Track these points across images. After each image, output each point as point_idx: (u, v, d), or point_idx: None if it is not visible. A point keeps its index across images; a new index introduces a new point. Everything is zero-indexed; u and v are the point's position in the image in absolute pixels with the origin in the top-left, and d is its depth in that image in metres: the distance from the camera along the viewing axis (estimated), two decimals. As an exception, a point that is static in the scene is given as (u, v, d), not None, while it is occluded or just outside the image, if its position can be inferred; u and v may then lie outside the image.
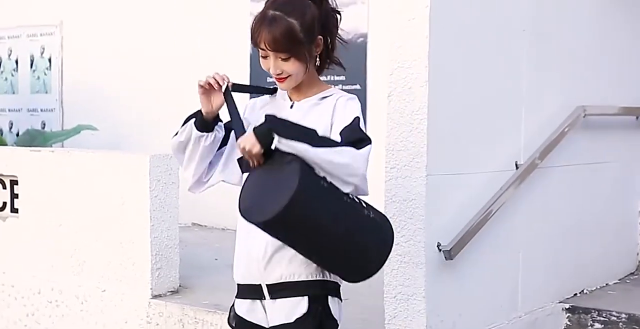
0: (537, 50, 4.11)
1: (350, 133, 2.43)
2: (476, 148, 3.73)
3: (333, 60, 2.63)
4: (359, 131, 2.45)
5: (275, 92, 2.68)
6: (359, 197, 2.41)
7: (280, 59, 2.48)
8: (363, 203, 2.41)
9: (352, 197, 2.38)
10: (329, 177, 2.30)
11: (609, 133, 4.77)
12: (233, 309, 2.67)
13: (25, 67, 8.47)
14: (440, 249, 3.49)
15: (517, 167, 3.92)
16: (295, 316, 2.48)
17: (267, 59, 2.51)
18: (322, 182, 2.29)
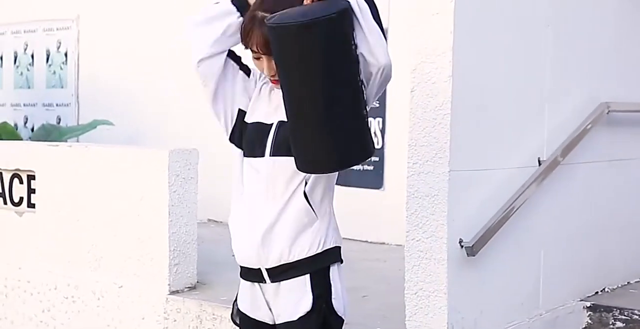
0: (561, 46, 4.08)
1: None
2: (499, 144, 3.70)
3: None
4: None
5: None
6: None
7: (268, 59, 2.43)
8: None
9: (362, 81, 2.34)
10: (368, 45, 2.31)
11: (633, 130, 4.72)
12: (236, 304, 2.65)
13: (41, 61, 8.47)
14: (463, 246, 3.45)
15: (540, 164, 3.89)
16: (298, 314, 2.47)
17: (260, 60, 2.47)
18: (350, 29, 2.28)
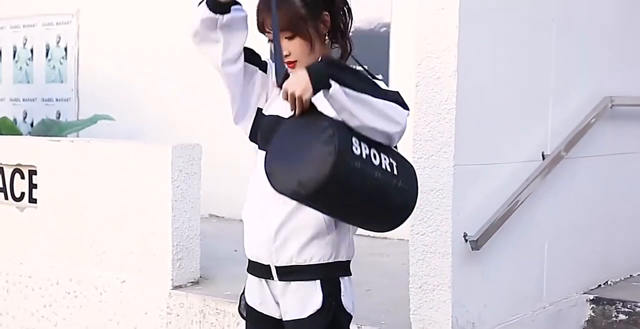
0: (565, 41, 4.08)
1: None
2: (503, 138, 3.71)
3: (345, 41, 2.48)
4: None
5: None
6: (391, 161, 2.25)
7: (286, 39, 2.39)
8: (394, 169, 2.24)
9: (384, 166, 2.22)
10: (371, 125, 2.16)
11: (636, 124, 4.73)
12: (243, 298, 2.61)
13: (41, 56, 8.44)
14: (467, 240, 3.46)
15: (544, 158, 3.89)
16: (308, 313, 2.43)
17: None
18: (356, 162, 2.13)
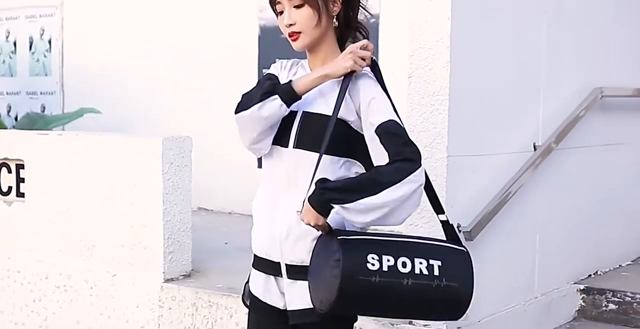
0: (556, 32, 4.09)
1: (391, 139, 2.29)
2: (496, 129, 3.72)
3: (355, 26, 2.47)
4: (400, 133, 2.31)
5: None
6: (430, 262, 2.23)
7: (294, 8, 2.38)
8: (435, 270, 2.22)
9: (417, 271, 2.21)
10: (391, 211, 2.22)
11: (626, 115, 4.76)
12: (248, 286, 2.60)
13: (24, 49, 8.35)
14: (461, 230, 3.46)
15: (535, 149, 3.90)
16: None
17: (283, 15, 2.42)
18: (374, 278, 2.17)
